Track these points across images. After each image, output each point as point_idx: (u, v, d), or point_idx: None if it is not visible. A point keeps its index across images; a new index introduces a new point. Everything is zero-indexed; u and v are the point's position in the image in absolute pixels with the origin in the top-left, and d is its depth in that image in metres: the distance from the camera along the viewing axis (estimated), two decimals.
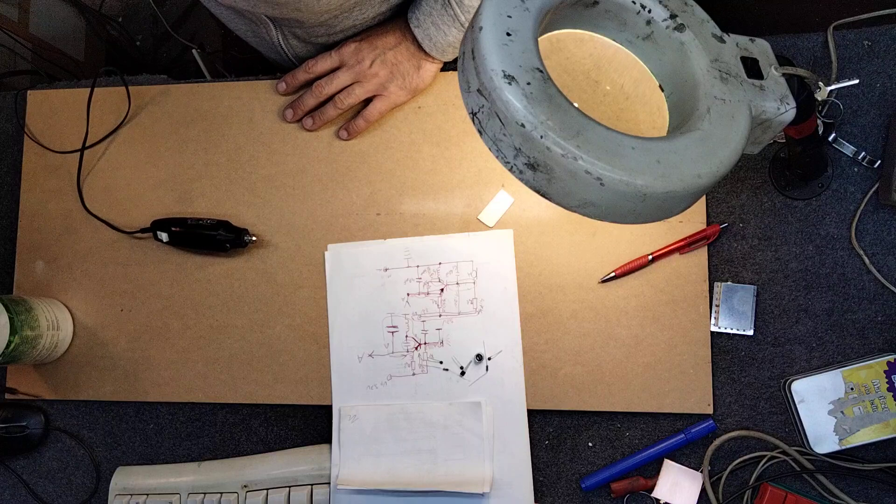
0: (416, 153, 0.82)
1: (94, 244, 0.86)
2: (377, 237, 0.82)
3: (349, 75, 0.80)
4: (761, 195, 0.77)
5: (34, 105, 0.89)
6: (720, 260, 0.77)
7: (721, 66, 0.57)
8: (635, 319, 0.77)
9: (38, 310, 0.81)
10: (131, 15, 1.73)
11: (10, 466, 0.85)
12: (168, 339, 0.84)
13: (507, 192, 0.80)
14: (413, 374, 0.79)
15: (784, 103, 0.58)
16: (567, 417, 0.77)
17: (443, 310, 0.79)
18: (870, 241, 0.75)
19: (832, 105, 0.77)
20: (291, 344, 0.82)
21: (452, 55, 0.79)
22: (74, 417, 0.85)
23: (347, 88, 0.81)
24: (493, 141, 0.52)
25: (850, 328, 0.75)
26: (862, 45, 0.78)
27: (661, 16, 0.58)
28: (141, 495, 0.80)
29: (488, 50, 0.50)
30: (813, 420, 0.72)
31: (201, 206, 0.85)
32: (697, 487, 0.74)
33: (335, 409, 0.79)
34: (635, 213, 0.52)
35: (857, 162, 0.76)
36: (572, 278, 0.78)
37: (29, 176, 0.88)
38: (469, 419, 0.77)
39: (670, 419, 0.76)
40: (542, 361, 0.78)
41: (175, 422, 0.83)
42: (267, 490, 0.78)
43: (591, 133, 0.49)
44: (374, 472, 0.77)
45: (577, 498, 0.77)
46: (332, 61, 0.81)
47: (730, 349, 0.76)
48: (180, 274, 0.84)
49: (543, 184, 0.51)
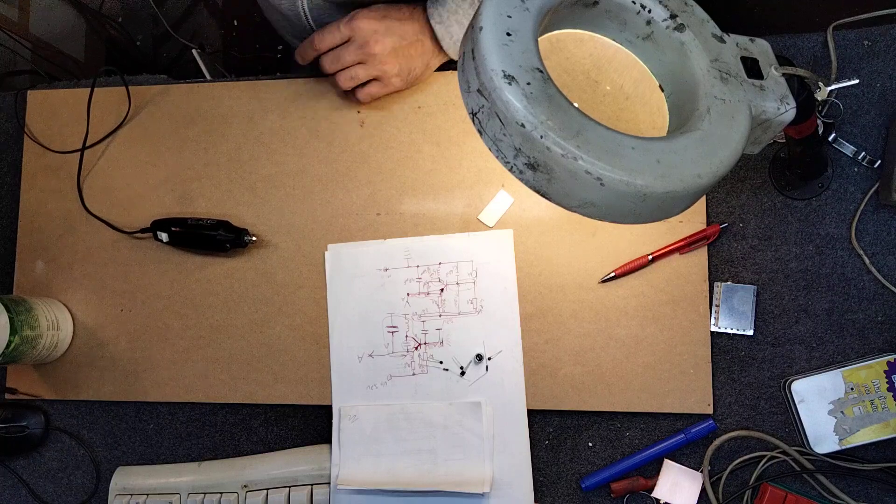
0: (416, 153, 0.82)
1: (94, 244, 0.86)
2: (377, 237, 0.82)
3: (356, 55, 0.76)
4: (761, 195, 0.77)
5: (34, 105, 0.89)
6: (720, 260, 0.77)
7: (721, 66, 0.57)
8: (635, 319, 0.77)
9: (38, 310, 0.81)
10: (131, 15, 1.73)
11: (10, 466, 0.85)
12: (168, 339, 0.84)
13: (507, 192, 0.80)
14: (413, 374, 0.79)
15: (784, 103, 0.58)
16: (567, 417, 0.77)
17: (443, 310, 0.79)
18: (870, 241, 0.75)
19: (832, 105, 0.77)
20: (291, 344, 0.82)
21: None
22: (74, 417, 0.85)
23: (350, 69, 0.77)
24: (493, 141, 0.52)
25: (850, 328, 0.75)
26: (862, 45, 0.78)
27: (661, 16, 0.58)
28: (141, 495, 0.80)
29: (488, 50, 0.50)
30: (813, 420, 0.72)
31: (201, 206, 0.85)
32: (697, 487, 0.74)
33: (335, 409, 0.79)
34: (635, 213, 0.52)
35: (857, 162, 0.76)
36: (572, 278, 0.78)
37: (29, 176, 0.88)
38: (469, 419, 0.77)
39: (670, 419, 0.76)
40: (542, 361, 0.78)
41: (175, 422, 0.83)
42: (267, 490, 0.78)
43: (591, 133, 0.49)
44: (374, 472, 0.77)
45: (577, 498, 0.77)
46: (341, 35, 0.76)
47: (730, 349, 0.76)
48: (180, 274, 0.84)
49: (543, 184, 0.51)
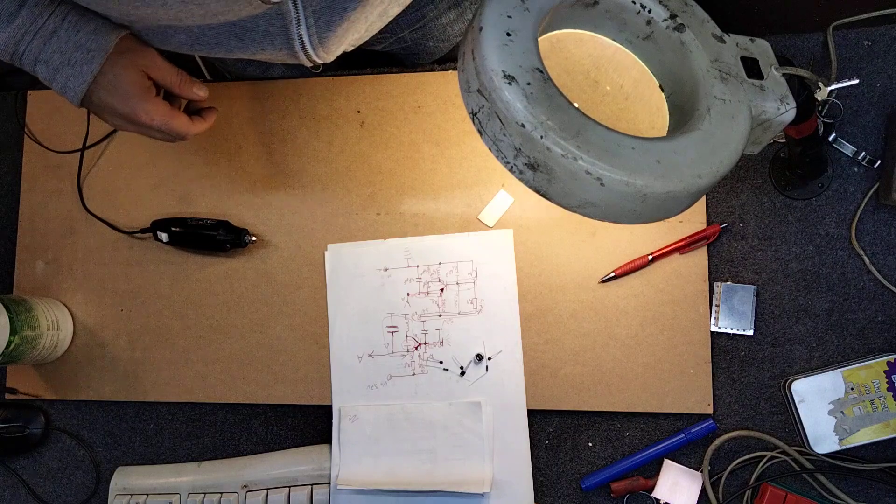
0: (416, 153, 0.82)
1: (94, 244, 0.86)
2: (377, 237, 0.82)
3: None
4: (761, 195, 0.77)
5: (34, 105, 0.89)
6: (720, 260, 0.77)
7: (721, 66, 0.57)
8: (635, 319, 0.77)
9: (38, 310, 0.81)
10: None
11: (10, 466, 0.85)
12: (168, 339, 0.84)
13: (507, 192, 0.80)
14: (413, 374, 0.79)
15: (784, 103, 0.58)
16: (567, 417, 0.77)
17: (443, 310, 0.79)
18: (870, 241, 0.75)
19: (832, 105, 0.77)
20: (291, 344, 0.82)
21: None
22: (74, 417, 0.85)
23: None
24: (493, 141, 0.52)
25: (850, 328, 0.75)
26: (862, 45, 0.78)
27: (661, 16, 0.58)
28: (141, 495, 0.80)
29: (488, 50, 0.50)
30: (813, 420, 0.72)
31: (201, 206, 0.85)
32: (697, 487, 0.74)
33: (335, 409, 0.79)
34: (635, 213, 0.52)
35: (857, 162, 0.76)
36: (572, 278, 0.78)
37: (29, 176, 0.88)
38: (469, 419, 0.77)
39: (670, 419, 0.76)
40: (542, 361, 0.78)
41: (175, 422, 0.83)
42: (267, 490, 0.78)
43: (591, 133, 0.49)
44: (374, 472, 0.77)
45: (577, 498, 0.77)
46: None
47: (730, 349, 0.76)
48: (180, 274, 0.84)
49: (543, 184, 0.51)
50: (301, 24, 0.65)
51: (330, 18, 0.65)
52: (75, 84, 0.63)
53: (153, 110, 0.66)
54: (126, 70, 0.65)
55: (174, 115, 0.68)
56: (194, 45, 0.67)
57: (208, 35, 0.65)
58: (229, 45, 0.67)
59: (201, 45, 0.67)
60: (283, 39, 0.66)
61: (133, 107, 0.65)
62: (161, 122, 0.67)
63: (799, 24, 1.36)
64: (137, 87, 0.65)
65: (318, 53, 0.68)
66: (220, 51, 0.67)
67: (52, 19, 0.62)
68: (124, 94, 0.65)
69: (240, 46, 0.67)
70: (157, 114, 0.66)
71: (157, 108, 0.66)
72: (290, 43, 0.66)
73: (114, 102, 0.65)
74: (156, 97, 0.67)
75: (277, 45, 0.67)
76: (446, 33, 0.87)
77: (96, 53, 0.63)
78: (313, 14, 0.64)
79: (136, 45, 0.66)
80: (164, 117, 0.67)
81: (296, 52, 0.67)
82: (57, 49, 0.62)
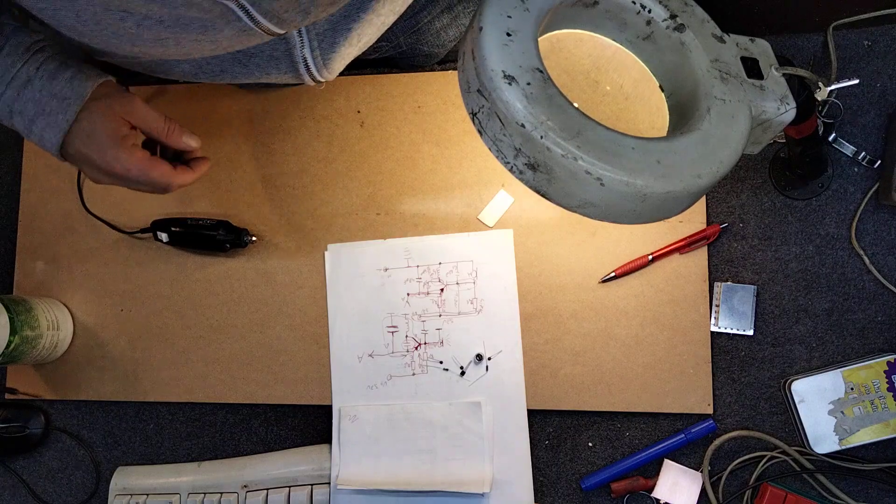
0: (416, 153, 0.82)
1: (94, 244, 0.86)
2: (377, 237, 0.82)
3: None
4: (761, 195, 0.77)
5: None
6: (720, 260, 0.77)
7: (721, 66, 0.57)
8: (635, 319, 0.77)
9: (38, 310, 0.81)
10: None
11: (10, 466, 0.85)
12: (168, 339, 0.84)
13: (507, 192, 0.80)
14: (413, 374, 0.79)
15: (784, 103, 0.58)
16: (567, 417, 0.77)
17: (443, 310, 0.79)
18: (870, 241, 0.75)
19: (832, 105, 0.77)
20: (291, 344, 0.82)
21: None
22: (74, 417, 0.85)
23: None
24: (493, 141, 0.52)
25: (850, 328, 0.75)
26: (862, 45, 0.78)
27: (661, 16, 0.58)
28: (141, 495, 0.80)
29: (488, 50, 0.50)
30: (813, 420, 0.72)
31: (201, 206, 0.85)
32: (697, 487, 0.74)
33: (335, 409, 0.79)
34: (635, 213, 0.52)
35: (857, 162, 0.76)
36: (572, 278, 0.78)
37: (29, 176, 0.88)
38: (469, 419, 0.77)
39: (670, 419, 0.76)
40: (542, 361, 0.78)
41: (175, 422, 0.83)
42: (267, 490, 0.78)
43: (591, 133, 0.49)
44: (374, 472, 0.77)
45: (577, 498, 0.77)
46: None
47: (730, 349, 0.76)
48: (180, 274, 0.84)
49: (543, 184, 0.51)
50: (305, 47, 0.64)
51: (334, 39, 0.64)
52: (51, 134, 0.59)
53: (127, 159, 0.61)
54: (103, 118, 0.60)
55: (154, 164, 0.63)
56: (198, 73, 0.65)
57: (212, 64, 0.63)
58: (234, 72, 0.65)
59: (205, 73, 0.65)
60: (287, 63, 0.65)
61: (106, 156, 0.60)
62: (138, 173, 0.62)
63: (799, 24, 1.35)
64: (114, 135, 0.60)
65: (322, 73, 0.67)
66: (225, 77, 0.65)
67: (26, 67, 0.58)
68: (100, 143, 0.60)
69: (244, 72, 0.65)
70: (133, 163, 0.61)
71: (132, 157, 0.61)
72: (295, 66, 0.65)
73: (90, 153, 0.60)
74: (132, 146, 0.62)
75: (282, 68, 0.66)
76: (440, 38, 0.87)
77: (72, 101, 0.59)
78: (317, 37, 0.64)
79: (115, 92, 0.62)
80: (142, 166, 0.61)
81: (300, 74, 0.66)
82: (31, 98, 0.58)
